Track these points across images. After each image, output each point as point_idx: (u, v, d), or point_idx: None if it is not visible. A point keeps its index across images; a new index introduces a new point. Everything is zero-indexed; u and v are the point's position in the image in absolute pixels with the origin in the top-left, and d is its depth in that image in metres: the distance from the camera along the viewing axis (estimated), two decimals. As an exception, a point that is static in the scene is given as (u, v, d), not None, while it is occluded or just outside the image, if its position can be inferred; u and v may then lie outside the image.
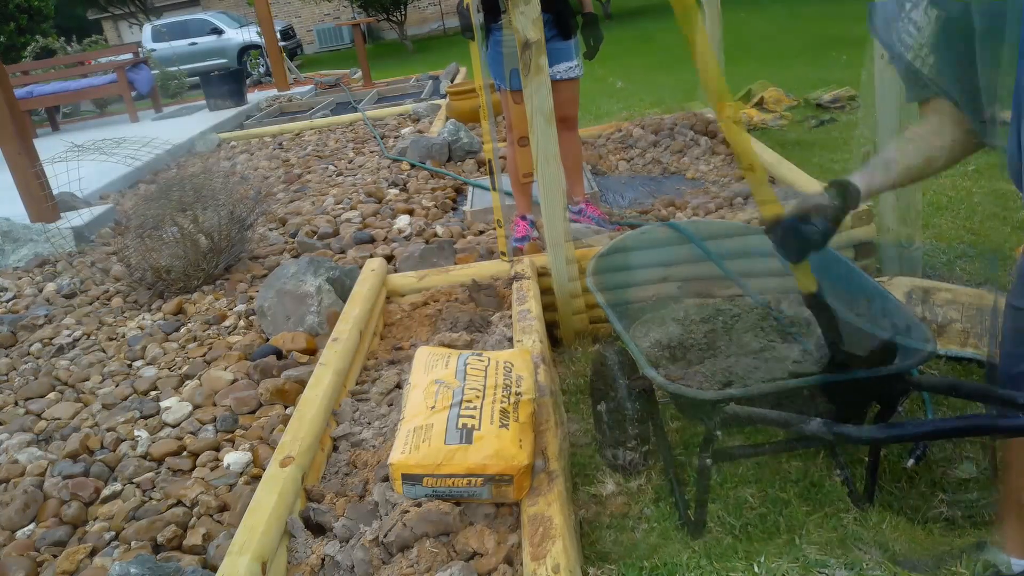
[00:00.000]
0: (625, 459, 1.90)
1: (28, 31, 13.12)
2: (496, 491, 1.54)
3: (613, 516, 1.86)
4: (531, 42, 2.39)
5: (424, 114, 6.95)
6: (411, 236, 3.71)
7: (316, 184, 5.16)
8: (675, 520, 1.81)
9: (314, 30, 24.21)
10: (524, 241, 3.33)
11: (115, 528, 1.90)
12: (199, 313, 3.19)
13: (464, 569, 1.42)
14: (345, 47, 22.90)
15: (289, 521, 1.62)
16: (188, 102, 11.24)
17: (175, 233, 3.43)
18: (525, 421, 1.64)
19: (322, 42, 24.08)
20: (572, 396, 2.45)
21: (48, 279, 3.90)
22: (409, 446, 1.56)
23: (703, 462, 1.60)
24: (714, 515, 1.80)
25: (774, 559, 1.59)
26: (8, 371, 2.93)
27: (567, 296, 2.72)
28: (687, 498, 1.82)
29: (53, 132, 9.90)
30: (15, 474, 2.17)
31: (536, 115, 2.47)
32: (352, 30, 14.74)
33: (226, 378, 2.52)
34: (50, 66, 10.86)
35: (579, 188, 3.52)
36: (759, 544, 1.70)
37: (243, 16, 19.13)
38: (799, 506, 1.81)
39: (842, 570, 1.62)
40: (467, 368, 1.75)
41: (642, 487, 1.95)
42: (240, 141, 7.36)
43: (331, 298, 2.82)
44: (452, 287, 2.83)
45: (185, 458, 2.16)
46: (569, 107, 3.30)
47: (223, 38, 17.45)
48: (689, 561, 1.66)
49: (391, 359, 2.41)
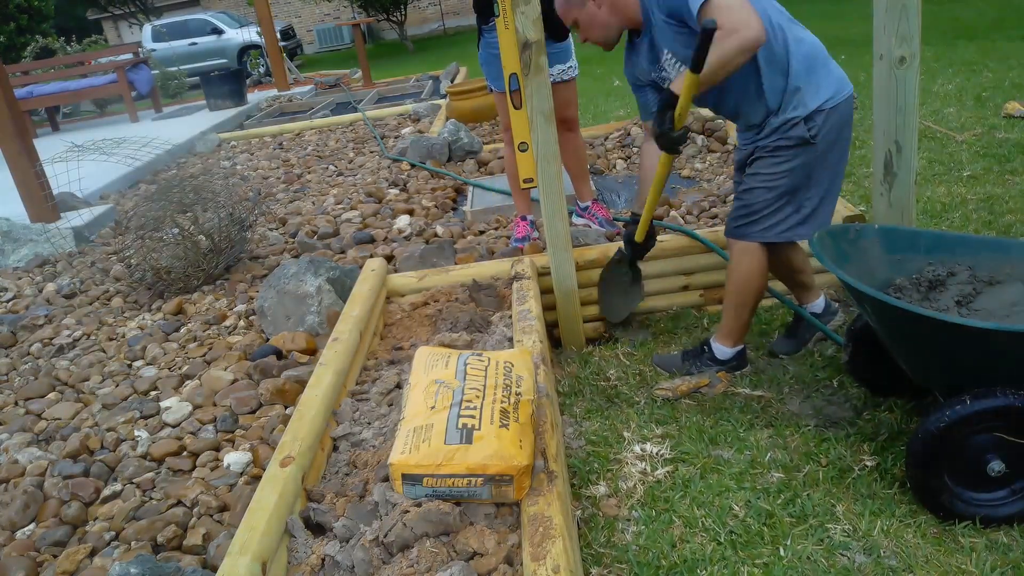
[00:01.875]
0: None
1: (28, 31, 13.14)
2: (496, 491, 1.54)
3: (605, 517, 1.87)
4: (531, 42, 2.39)
5: (424, 114, 6.95)
6: (411, 236, 3.71)
7: (316, 184, 5.16)
8: (664, 521, 1.82)
9: (314, 30, 24.22)
10: (524, 241, 3.33)
11: (115, 528, 1.90)
12: (199, 313, 3.20)
13: (464, 569, 1.42)
14: (345, 47, 22.91)
15: (289, 521, 1.62)
16: (188, 102, 11.25)
17: (175, 233, 3.43)
18: (525, 421, 1.64)
19: (322, 42, 24.08)
20: (567, 398, 2.45)
21: (48, 279, 3.91)
22: (409, 446, 1.56)
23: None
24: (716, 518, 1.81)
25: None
26: (8, 371, 2.93)
27: (567, 296, 2.73)
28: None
29: (53, 132, 9.91)
30: (15, 474, 2.17)
31: (536, 115, 2.47)
32: (352, 30, 14.74)
33: (226, 378, 2.52)
34: (50, 66, 10.87)
35: (586, 189, 3.52)
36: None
37: (243, 16, 19.15)
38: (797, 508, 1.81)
39: (860, 554, 1.63)
40: (467, 368, 1.75)
41: (632, 489, 1.95)
42: (240, 141, 7.37)
43: (331, 298, 2.82)
44: (452, 287, 2.83)
45: (185, 458, 2.16)
46: (568, 108, 3.30)
47: (223, 38, 17.44)
48: (713, 554, 1.68)
49: (391, 359, 2.41)
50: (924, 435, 1.67)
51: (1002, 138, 4.34)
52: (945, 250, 1.98)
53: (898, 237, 2.04)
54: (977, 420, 1.64)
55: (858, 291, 1.73)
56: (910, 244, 1.99)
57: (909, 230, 2.04)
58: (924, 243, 2.01)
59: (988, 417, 1.63)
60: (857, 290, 1.73)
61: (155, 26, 17.51)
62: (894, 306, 1.68)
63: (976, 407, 1.63)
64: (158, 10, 23.79)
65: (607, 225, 3.42)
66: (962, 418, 1.63)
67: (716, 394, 2.34)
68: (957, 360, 1.69)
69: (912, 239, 1.99)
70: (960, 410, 1.63)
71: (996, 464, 1.65)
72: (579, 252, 2.85)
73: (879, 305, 1.71)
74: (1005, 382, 1.63)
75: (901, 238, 2.03)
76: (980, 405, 1.63)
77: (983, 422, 1.64)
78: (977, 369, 1.66)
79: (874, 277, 1.97)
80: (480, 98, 6.30)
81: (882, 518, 1.74)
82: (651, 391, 2.39)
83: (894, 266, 2.01)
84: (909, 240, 2.00)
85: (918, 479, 1.72)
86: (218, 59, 16.89)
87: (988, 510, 1.69)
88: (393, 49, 19.12)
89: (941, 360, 1.73)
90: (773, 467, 1.96)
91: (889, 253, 2.03)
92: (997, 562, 1.59)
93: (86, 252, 4.27)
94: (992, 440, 1.66)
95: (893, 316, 1.72)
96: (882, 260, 2.02)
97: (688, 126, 2.02)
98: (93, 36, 16.63)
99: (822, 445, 2.02)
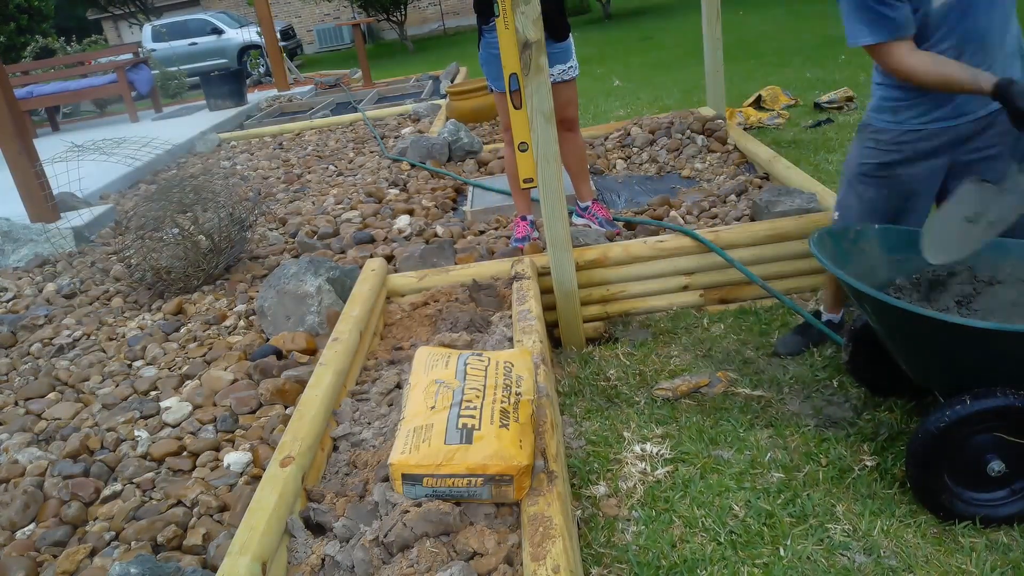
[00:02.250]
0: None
1: (28, 31, 13.13)
2: (496, 491, 1.54)
3: (606, 517, 1.87)
4: (531, 42, 2.39)
5: (424, 114, 6.95)
6: (411, 236, 3.71)
7: (316, 184, 5.16)
8: (664, 521, 1.82)
9: (314, 30, 24.22)
10: (524, 241, 3.33)
11: (115, 528, 1.90)
12: (199, 313, 3.20)
13: (464, 569, 1.42)
14: (345, 47, 22.91)
15: (289, 521, 1.62)
16: (188, 102, 11.24)
17: (175, 233, 3.43)
18: (525, 421, 1.64)
19: (322, 42, 24.08)
20: (567, 398, 2.45)
21: (48, 279, 3.90)
22: (409, 446, 1.56)
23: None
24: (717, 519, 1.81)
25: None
26: (8, 371, 2.93)
27: (567, 296, 2.73)
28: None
29: (53, 132, 9.90)
30: (15, 474, 2.17)
31: (536, 115, 2.47)
32: (352, 30, 14.74)
33: (226, 378, 2.52)
34: (50, 66, 10.86)
35: (586, 189, 3.52)
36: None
37: (243, 16, 19.14)
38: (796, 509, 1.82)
39: (860, 554, 1.63)
40: (467, 368, 1.75)
41: (632, 489, 1.95)
42: (240, 141, 7.36)
43: (331, 298, 2.82)
44: (452, 287, 2.83)
45: (185, 458, 2.16)
46: (568, 109, 3.30)
47: (223, 38, 17.44)
48: (713, 554, 1.68)
49: (391, 359, 2.41)
50: (924, 435, 1.67)
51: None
52: None
53: (898, 237, 2.04)
54: (977, 420, 1.64)
55: (859, 291, 1.73)
56: (909, 244, 1.99)
57: (908, 230, 2.04)
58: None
59: (988, 417, 1.63)
60: (858, 290, 1.73)
61: (155, 26, 17.50)
62: (895, 306, 1.68)
63: (976, 407, 1.63)
64: (158, 10, 23.79)
65: (607, 225, 3.42)
66: (962, 418, 1.64)
67: (716, 394, 2.34)
68: (957, 360, 1.69)
69: (911, 239, 1.99)
70: (960, 410, 1.64)
71: (996, 464, 1.65)
72: (579, 252, 2.85)
73: (880, 305, 1.72)
74: (1005, 382, 1.63)
75: (901, 238, 2.03)
76: (980, 405, 1.63)
77: (983, 422, 1.64)
78: (977, 369, 1.67)
79: (874, 277, 1.97)
80: (480, 98, 6.30)
81: (882, 518, 1.74)
82: (651, 391, 2.39)
83: (894, 266, 2.01)
84: (908, 240, 2.00)
85: (918, 479, 1.72)
86: (218, 59, 16.88)
87: (988, 510, 1.69)
88: (393, 49, 19.12)
89: (941, 360, 1.73)
90: (773, 467, 1.96)
91: (889, 253, 2.03)
92: (997, 562, 1.59)
93: (86, 252, 4.27)
94: (992, 440, 1.66)
95: (894, 316, 1.72)
96: (882, 260, 2.02)
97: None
98: (93, 36, 16.63)
99: (822, 445, 2.02)
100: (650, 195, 3.96)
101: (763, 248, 2.85)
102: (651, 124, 4.92)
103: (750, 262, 2.82)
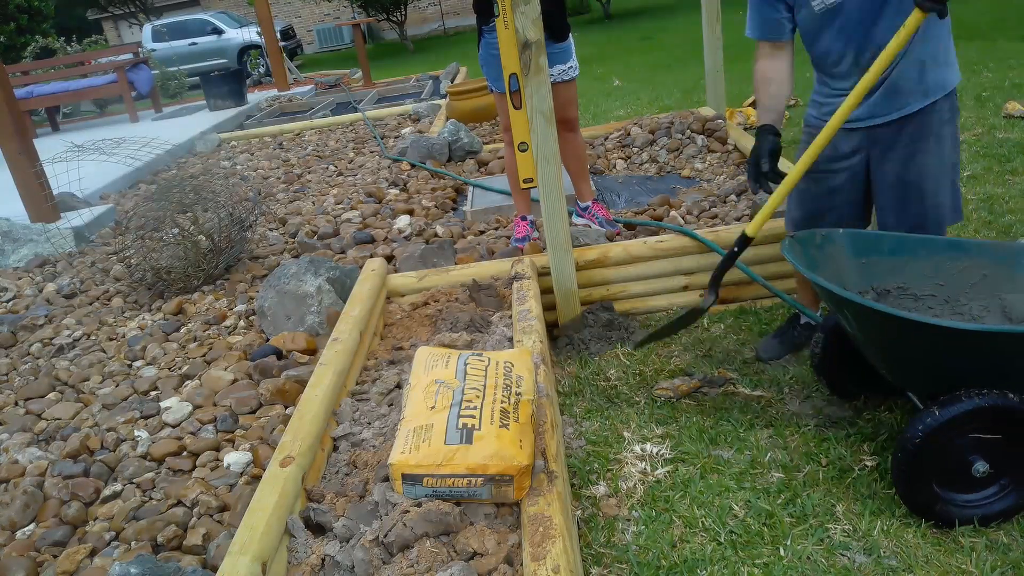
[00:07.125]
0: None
1: (28, 31, 13.13)
2: (496, 491, 1.54)
3: (606, 517, 1.87)
4: (531, 42, 2.39)
5: (424, 114, 6.95)
6: (411, 236, 3.71)
7: (316, 184, 5.16)
8: (664, 521, 1.82)
9: (314, 30, 24.22)
10: (524, 241, 3.33)
11: (115, 528, 1.90)
12: (199, 313, 3.20)
13: (464, 569, 1.42)
14: (345, 47, 22.91)
15: (289, 521, 1.62)
16: (188, 102, 11.24)
17: (175, 233, 3.43)
18: (525, 421, 1.64)
19: (322, 42, 24.09)
20: (567, 398, 2.45)
21: (48, 279, 3.90)
22: (409, 446, 1.56)
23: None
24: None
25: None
26: (8, 371, 2.93)
27: (567, 296, 2.73)
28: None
29: (53, 132, 9.90)
30: (15, 474, 2.17)
31: (536, 115, 2.47)
32: (352, 30, 14.74)
33: (226, 378, 2.52)
34: (50, 66, 10.86)
35: (586, 189, 3.52)
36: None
37: (243, 16, 19.15)
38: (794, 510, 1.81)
39: (860, 554, 1.63)
40: (467, 368, 1.75)
41: (632, 489, 1.95)
42: (240, 141, 7.36)
43: (331, 298, 2.82)
44: (452, 287, 2.83)
45: (185, 458, 2.16)
46: (568, 109, 3.30)
47: (223, 38, 17.44)
48: (713, 554, 1.68)
49: (391, 359, 2.41)
50: (903, 454, 1.68)
51: (1002, 138, 4.34)
52: (908, 251, 2.02)
53: (863, 240, 2.06)
54: (950, 427, 1.65)
55: (836, 296, 1.74)
56: (874, 247, 2.02)
57: (873, 234, 2.07)
58: (887, 245, 2.04)
59: (961, 422, 1.65)
60: (835, 295, 1.74)
61: (155, 26, 17.51)
62: (874, 310, 1.69)
63: (945, 416, 1.64)
64: (158, 10, 23.79)
65: (607, 225, 3.42)
66: (935, 428, 1.65)
67: (716, 394, 2.34)
68: (938, 362, 1.70)
69: (876, 242, 2.02)
70: (931, 422, 1.65)
71: (980, 465, 1.67)
72: (579, 252, 2.85)
73: (858, 309, 1.72)
74: (990, 383, 1.65)
75: (866, 241, 2.06)
76: (949, 413, 1.64)
77: (956, 428, 1.65)
78: (962, 371, 1.67)
79: (843, 281, 1.99)
80: (480, 98, 6.30)
81: (882, 518, 1.74)
82: (651, 391, 2.39)
83: (861, 269, 2.04)
84: (873, 243, 2.03)
85: (909, 496, 1.73)
86: (218, 59, 16.88)
87: (983, 509, 1.70)
88: (393, 49, 19.12)
89: (923, 362, 1.74)
90: (773, 467, 1.96)
91: (855, 257, 2.05)
92: (997, 562, 1.59)
93: (86, 252, 4.27)
94: (971, 442, 1.67)
95: (871, 320, 1.73)
96: (849, 264, 2.05)
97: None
98: (93, 36, 16.62)
99: (822, 445, 2.02)
100: (650, 195, 3.96)
101: (763, 248, 2.85)
102: (651, 124, 4.92)
103: (750, 262, 2.82)
